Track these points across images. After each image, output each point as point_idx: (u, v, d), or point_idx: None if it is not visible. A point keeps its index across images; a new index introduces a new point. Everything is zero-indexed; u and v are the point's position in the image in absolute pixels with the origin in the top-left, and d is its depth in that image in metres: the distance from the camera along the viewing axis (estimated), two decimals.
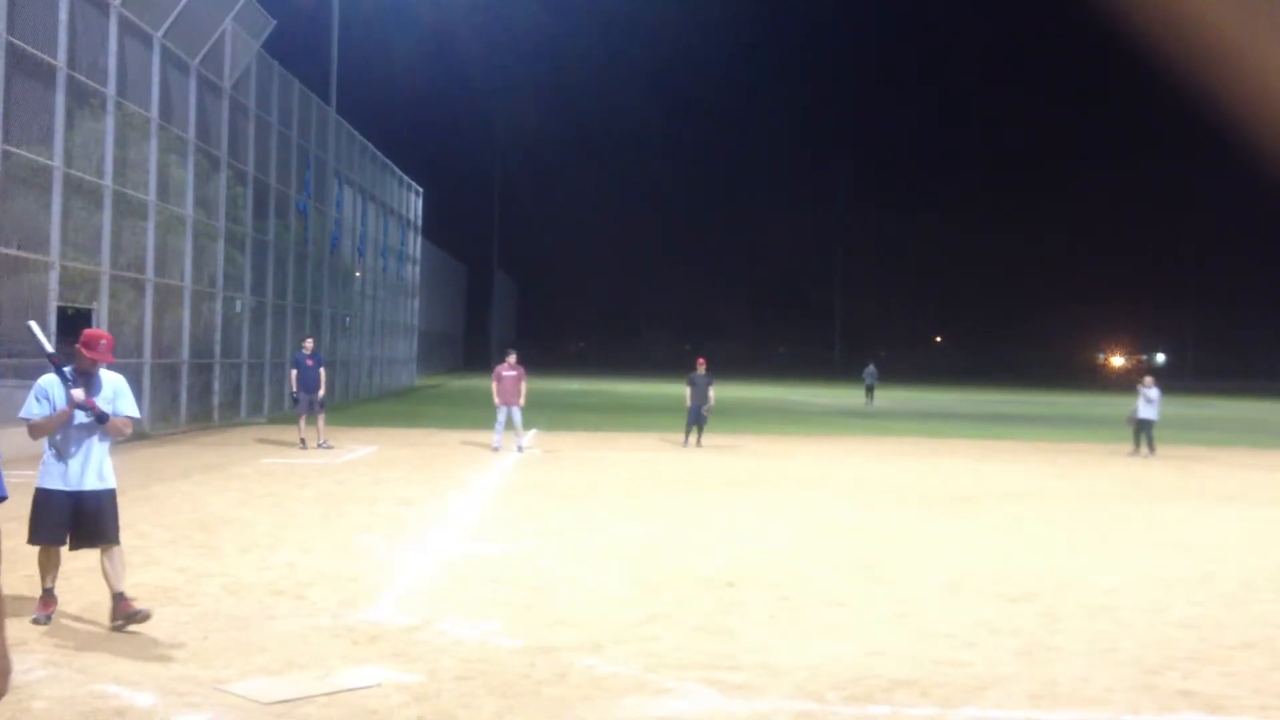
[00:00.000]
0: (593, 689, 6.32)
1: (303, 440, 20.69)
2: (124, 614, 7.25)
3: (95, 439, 7.45)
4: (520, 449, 21.26)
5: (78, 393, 7.28)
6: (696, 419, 23.62)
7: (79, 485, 7.37)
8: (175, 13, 22.47)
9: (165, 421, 22.80)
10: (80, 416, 7.34)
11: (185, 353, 23.76)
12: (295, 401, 21.26)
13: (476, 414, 30.85)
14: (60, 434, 7.37)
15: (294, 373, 21.30)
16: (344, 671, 6.50)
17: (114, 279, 20.60)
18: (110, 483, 7.54)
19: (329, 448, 20.53)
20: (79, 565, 8.57)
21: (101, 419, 7.36)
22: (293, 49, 34.11)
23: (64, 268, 18.73)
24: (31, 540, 7.40)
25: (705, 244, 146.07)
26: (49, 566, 7.49)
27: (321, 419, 21.13)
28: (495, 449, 21.13)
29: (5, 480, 3.22)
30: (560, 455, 21.04)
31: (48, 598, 7.48)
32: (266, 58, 29.21)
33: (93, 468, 7.43)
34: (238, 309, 27.37)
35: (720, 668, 6.80)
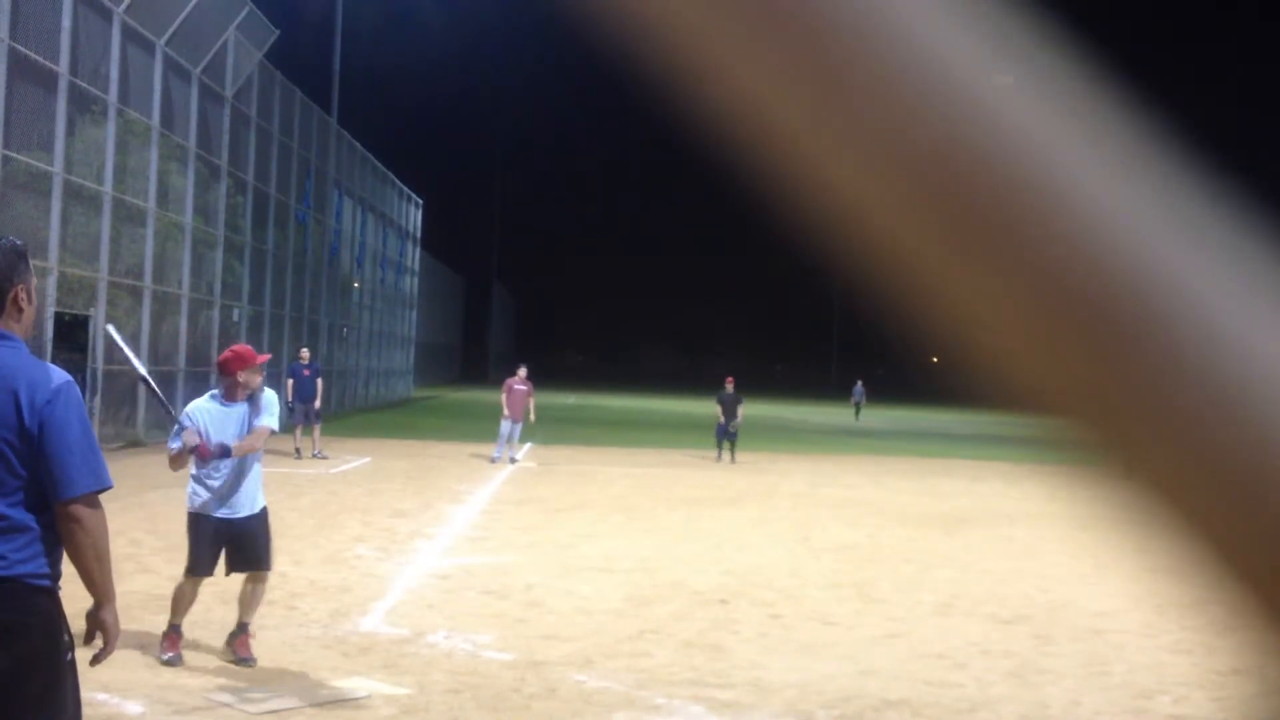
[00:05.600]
0: (583, 704, 6.30)
1: (297, 450, 20.67)
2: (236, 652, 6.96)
3: (239, 462, 7.08)
4: (513, 460, 21.23)
5: (189, 437, 6.79)
6: (725, 435, 23.79)
7: (232, 513, 7.02)
8: (178, 21, 22.53)
9: (160, 429, 22.77)
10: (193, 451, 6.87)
11: (182, 361, 23.75)
12: (291, 411, 21.26)
13: (473, 426, 30.84)
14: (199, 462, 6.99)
15: (290, 382, 21.30)
16: (333, 682, 6.48)
17: (112, 285, 20.61)
18: (261, 503, 7.28)
19: (324, 458, 20.51)
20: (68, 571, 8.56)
21: (224, 453, 6.95)
22: (295, 59, 34.23)
23: (62, 273, 18.73)
24: (190, 572, 7.00)
25: (704, 259, 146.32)
26: (190, 601, 7.03)
27: (317, 429, 21.11)
28: (494, 460, 21.08)
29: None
30: (555, 469, 21.03)
31: (176, 635, 6.88)
32: (269, 67, 29.28)
33: (245, 493, 7.12)
34: (235, 318, 27.36)
35: (711, 684, 6.78)
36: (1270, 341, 0.46)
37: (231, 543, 7.05)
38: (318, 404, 21.12)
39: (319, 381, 21.27)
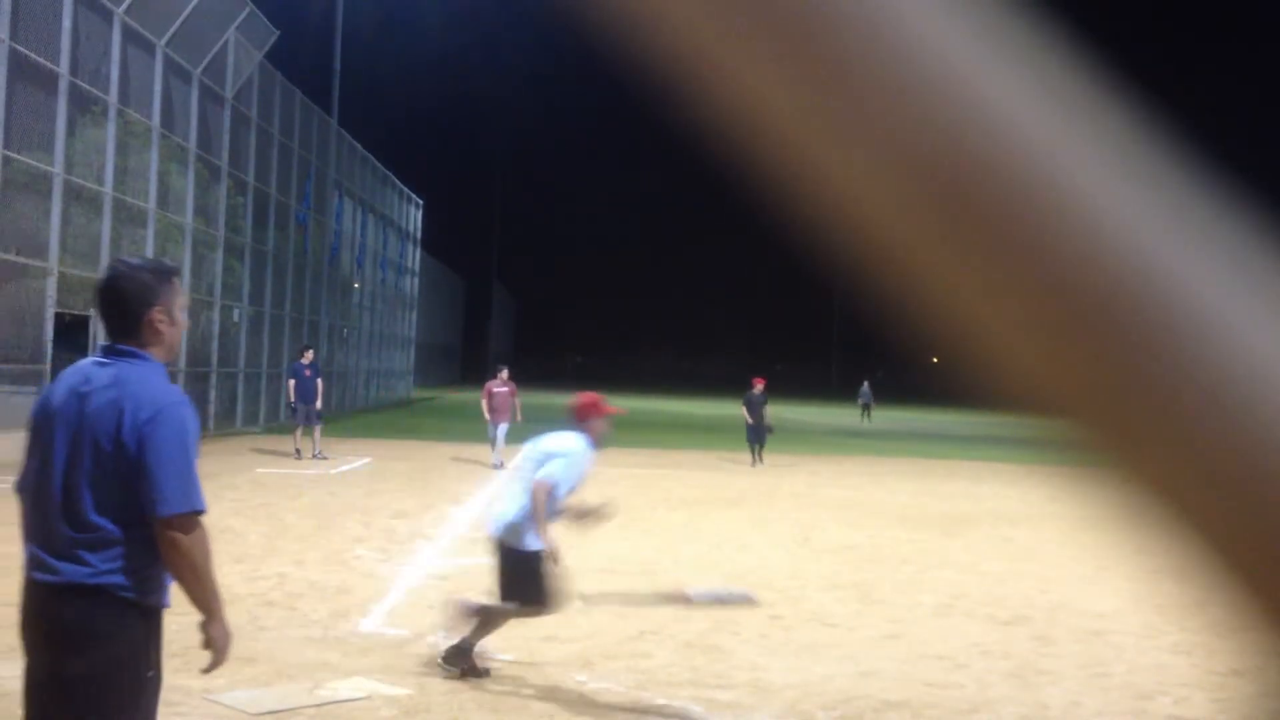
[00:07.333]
0: (583, 705, 6.30)
1: (298, 450, 20.67)
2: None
3: None
4: (500, 466, 20.43)
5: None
6: (757, 437, 23.64)
7: None
8: (179, 22, 22.54)
9: None
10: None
11: (181, 361, 23.75)
12: (294, 412, 21.25)
13: (473, 427, 30.80)
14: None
15: (292, 383, 21.29)
16: (333, 683, 6.48)
17: None
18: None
19: (324, 459, 20.50)
20: None
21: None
22: (295, 59, 34.26)
23: (62, 274, 18.74)
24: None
25: (704, 260, 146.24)
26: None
27: (317, 430, 21.10)
28: (497, 466, 20.63)
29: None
30: None
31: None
32: (269, 68, 29.29)
33: None
34: (235, 318, 27.37)
35: (710, 686, 6.78)
36: (1270, 341, 0.46)
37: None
38: (318, 404, 21.12)
39: (319, 382, 21.27)
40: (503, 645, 7.55)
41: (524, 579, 6.69)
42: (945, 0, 0.47)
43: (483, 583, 9.73)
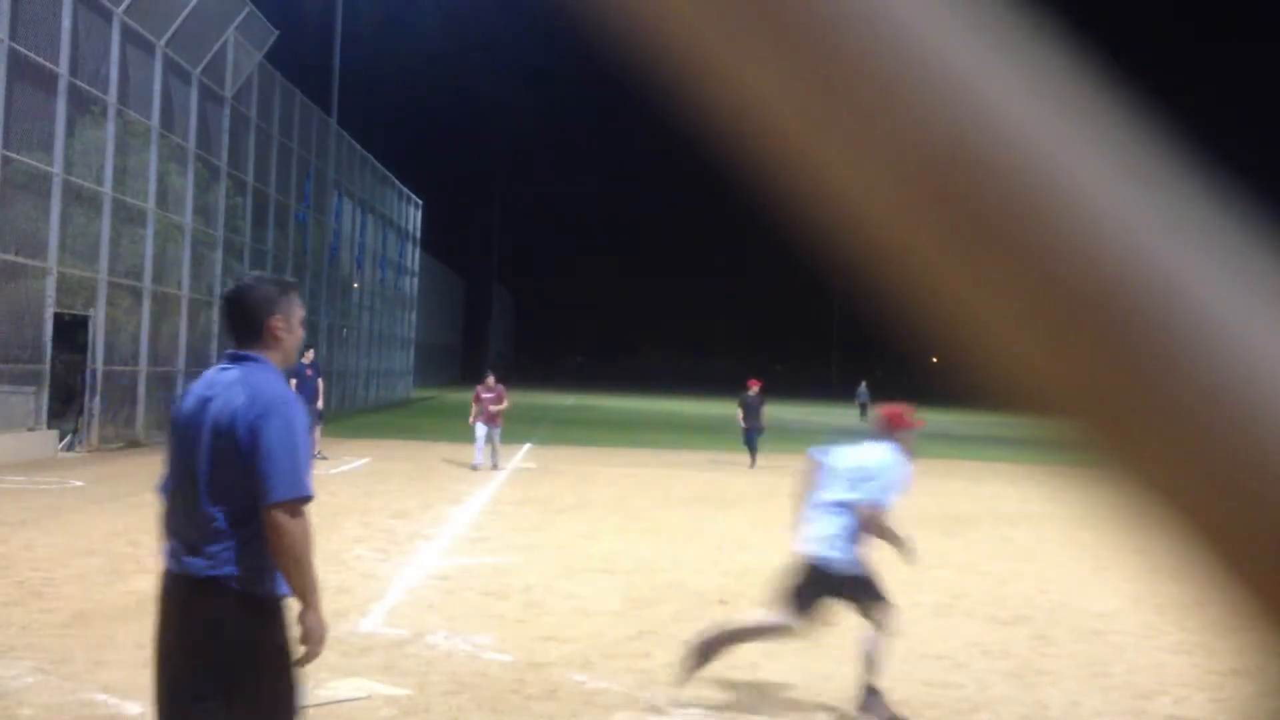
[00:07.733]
0: (583, 705, 6.30)
1: None
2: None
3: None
4: (494, 466, 20.61)
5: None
6: (751, 439, 23.58)
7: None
8: (178, 22, 22.54)
9: (160, 430, 22.76)
10: None
11: (181, 361, 23.75)
12: None
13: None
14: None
15: (293, 382, 21.30)
16: (333, 683, 6.48)
17: (111, 286, 20.60)
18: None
19: (323, 458, 20.49)
20: (69, 572, 8.55)
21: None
22: (295, 59, 34.25)
23: (61, 274, 18.73)
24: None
25: (704, 260, 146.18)
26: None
27: (317, 430, 21.08)
28: (475, 467, 20.57)
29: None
30: (554, 470, 21.01)
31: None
32: (268, 68, 29.30)
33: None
34: None
35: (710, 685, 6.78)
36: (1270, 341, 0.46)
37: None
38: (319, 404, 21.11)
39: (320, 382, 21.26)
40: (502, 645, 7.55)
41: (853, 594, 6.72)
42: (945, 0, 0.47)
43: (481, 581, 9.75)
